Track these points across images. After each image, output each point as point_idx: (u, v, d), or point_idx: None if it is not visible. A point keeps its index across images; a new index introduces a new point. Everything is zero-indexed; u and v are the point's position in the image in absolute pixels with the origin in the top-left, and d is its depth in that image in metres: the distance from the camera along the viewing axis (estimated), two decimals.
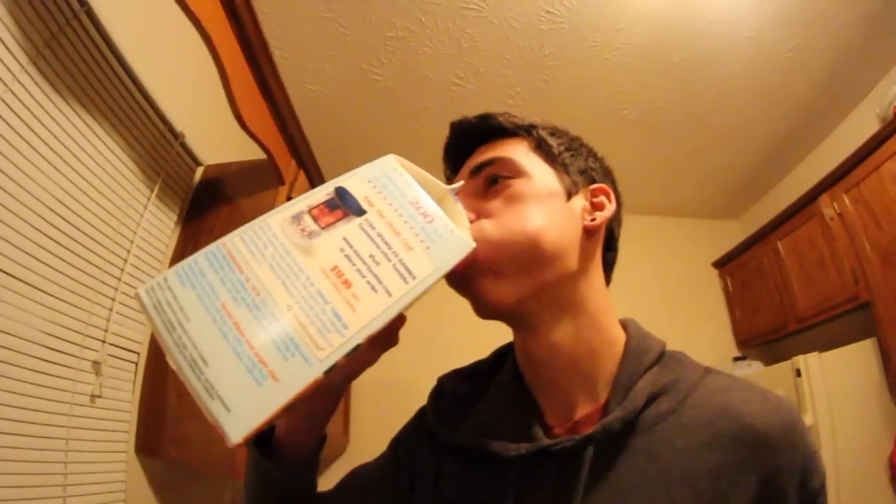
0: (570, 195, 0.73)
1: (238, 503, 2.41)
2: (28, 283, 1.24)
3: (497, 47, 2.37)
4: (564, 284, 0.70)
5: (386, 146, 2.92)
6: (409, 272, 0.51)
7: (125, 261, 1.61)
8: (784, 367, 2.34)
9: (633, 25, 2.27)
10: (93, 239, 1.47)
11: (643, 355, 0.71)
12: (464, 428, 0.74)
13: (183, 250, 1.84)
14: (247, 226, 0.49)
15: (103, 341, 1.52)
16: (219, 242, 0.48)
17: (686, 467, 0.61)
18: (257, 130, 1.63)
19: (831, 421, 2.16)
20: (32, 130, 1.22)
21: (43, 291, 1.30)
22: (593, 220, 0.73)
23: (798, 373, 2.24)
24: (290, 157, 1.92)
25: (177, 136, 1.76)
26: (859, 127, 2.72)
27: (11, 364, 1.19)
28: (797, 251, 2.89)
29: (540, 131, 0.76)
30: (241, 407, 0.40)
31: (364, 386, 3.21)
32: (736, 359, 3.29)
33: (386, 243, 0.52)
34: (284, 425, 0.69)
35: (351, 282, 0.48)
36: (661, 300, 3.67)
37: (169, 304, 0.44)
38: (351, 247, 0.51)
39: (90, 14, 1.33)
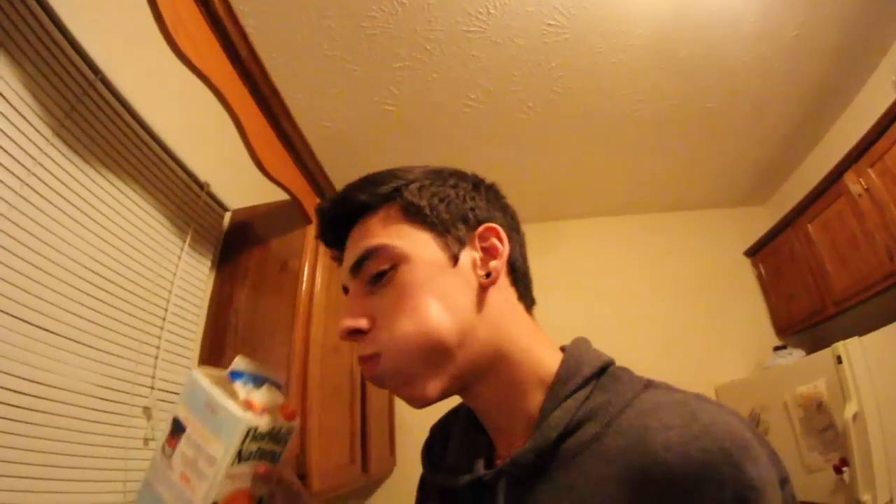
0: (456, 259, 0.71)
1: None
2: (79, 342, 1.32)
3: (504, 65, 2.41)
4: (483, 355, 0.70)
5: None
6: (212, 458, 0.70)
7: (166, 310, 1.69)
8: (825, 356, 2.28)
9: (634, 26, 2.28)
10: (133, 294, 1.55)
11: (569, 381, 0.68)
12: (440, 469, 0.79)
13: (220, 293, 1.92)
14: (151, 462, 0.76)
15: (151, 387, 1.59)
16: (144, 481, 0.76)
17: (596, 503, 0.58)
18: (279, 175, 1.69)
19: (877, 407, 2.09)
20: (66, 199, 1.30)
21: (93, 347, 1.37)
22: (488, 274, 0.71)
23: (839, 360, 2.18)
24: (313, 196, 1.98)
25: (202, 185, 1.85)
26: (876, 97, 2.65)
27: (70, 417, 1.27)
28: (828, 232, 2.83)
29: (405, 193, 0.72)
30: None
31: (409, 408, 3.24)
32: (776, 348, 3.21)
33: (198, 444, 0.71)
34: None
35: (189, 478, 0.69)
36: (697, 295, 3.64)
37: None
38: (184, 455, 0.71)
39: (104, 81, 1.40)
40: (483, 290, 0.71)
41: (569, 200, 3.71)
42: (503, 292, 0.73)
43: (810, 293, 3.03)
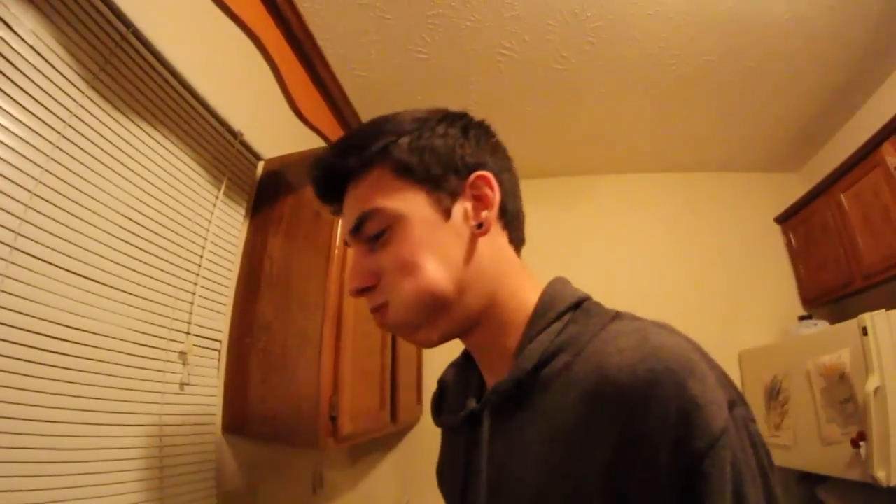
0: (448, 213, 0.73)
1: (318, 475, 2.54)
2: (117, 289, 1.35)
3: (539, 14, 2.33)
4: (478, 303, 0.75)
5: None
6: None
7: (201, 256, 1.71)
8: (850, 326, 2.23)
9: None
10: (170, 241, 1.57)
11: (545, 316, 0.72)
12: (444, 411, 0.86)
13: (254, 240, 1.94)
14: None
15: (187, 333, 1.62)
16: None
17: (562, 424, 0.62)
18: (314, 119, 1.68)
19: None
20: (102, 149, 1.30)
21: (131, 294, 1.40)
22: (480, 225, 0.74)
23: (864, 331, 2.12)
24: None
25: (235, 134, 1.84)
26: None
27: (108, 362, 1.30)
28: (861, 203, 2.72)
29: (394, 151, 0.73)
30: None
31: (435, 358, 3.28)
32: (801, 318, 3.15)
33: None
34: None
35: None
36: (724, 258, 3.56)
37: None
38: None
39: (137, 34, 1.39)
40: (475, 239, 0.74)
41: (599, 155, 3.62)
42: (495, 238, 0.77)
43: (839, 265, 2.94)
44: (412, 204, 0.73)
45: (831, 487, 2.57)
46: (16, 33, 1.07)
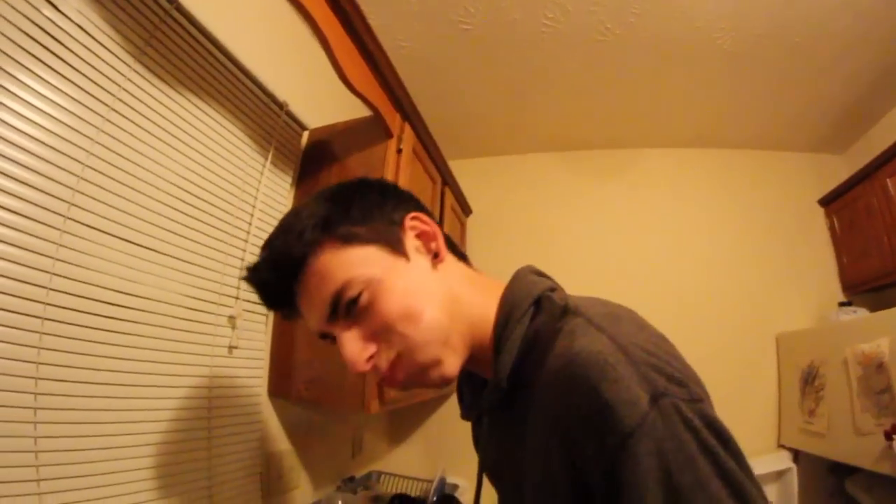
0: (406, 255, 0.77)
1: (358, 440, 2.59)
2: (169, 255, 1.38)
3: None
4: (464, 320, 0.78)
5: (482, 93, 2.97)
6: None
7: (250, 224, 1.73)
8: (891, 314, 2.16)
9: None
10: (220, 209, 1.59)
11: (508, 323, 0.75)
12: (463, 406, 0.94)
13: None
14: None
15: (237, 298, 1.65)
16: None
17: (535, 419, 0.69)
18: (362, 89, 1.66)
19: None
20: (152, 121, 1.32)
21: (183, 260, 1.43)
22: (436, 255, 0.79)
23: None
24: (395, 112, 1.95)
25: (281, 105, 1.84)
26: None
27: (160, 326, 1.33)
28: None
29: (332, 228, 0.74)
30: None
31: None
32: (841, 304, 3.03)
33: None
34: None
35: None
36: (765, 239, 3.42)
37: None
38: None
39: (180, 9, 1.39)
40: (437, 268, 0.80)
41: (642, 128, 3.50)
42: (450, 263, 0.83)
43: (882, 252, 2.81)
44: (374, 261, 0.74)
45: (860, 481, 2.50)
46: (62, 13, 1.08)
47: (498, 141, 3.63)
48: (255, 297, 0.83)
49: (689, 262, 3.40)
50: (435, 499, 2.31)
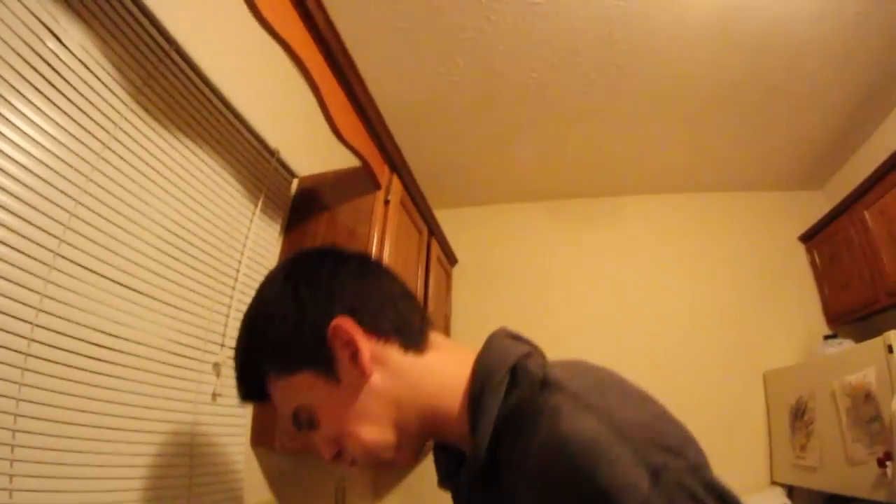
0: (337, 376, 0.74)
1: (341, 491, 2.51)
2: (156, 299, 1.35)
3: (567, 38, 2.31)
4: (416, 416, 0.76)
5: (468, 143, 3.01)
6: None
7: (237, 270, 1.70)
8: (875, 344, 2.14)
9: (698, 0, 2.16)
10: (209, 254, 1.56)
11: (482, 395, 0.70)
12: (440, 476, 0.87)
13: (288, 255, 1.93)
14: None
15: (222, 345, 1.61)
16: None
17: (518, 497, 0.64)
18: (352, 140, 1.68)
19: None
20: (145, 162, 1.31)
21: (170, 305, 1.40)
22: (363, 372, 0.73)
23: (890, 349, 2.04)
24: (383, 163, 1.96)
25: (272, 152, 1.84)
26: None
27: (144, 370, 1.30)
28: (885, 220, 2.61)
29: (266, 368, 0.77)
30: None
31: (461, 331, 3.27)
32: (826, 337, 3.02)
33: None
34: None
35: None
36: (749, 278, 3.45)
37: None
38: None
39: (179, 52, 1.40)
40: (370, 380, 0.74)
41: (624, 176, 3.56)
42: (386, 364, 0.76)
43: (864, 282, 2.82)
44: (311, 387, 0.75)
45: None
46: (66, 46, 1.08)
47: (483, 190, 3.67)
48: None
49: (674, 304, 3.42)
50: None
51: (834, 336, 3.01)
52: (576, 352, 0.78)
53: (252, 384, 0.79)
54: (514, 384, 0.70)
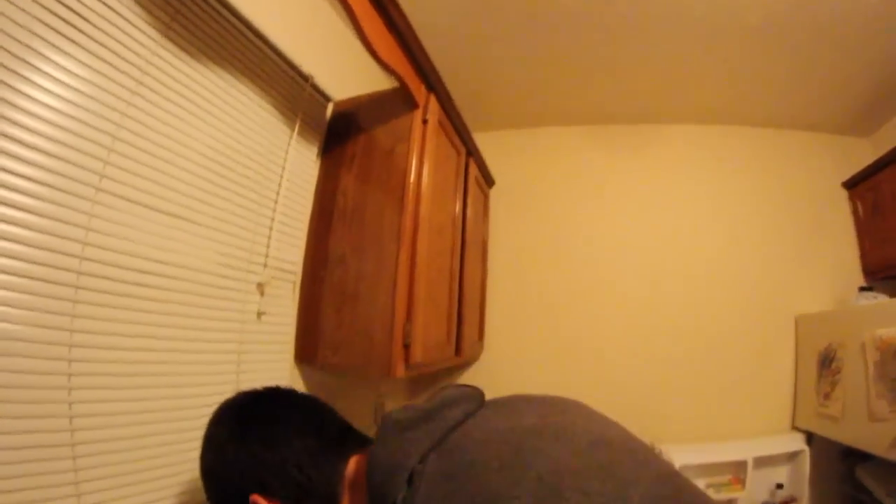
0: None
1: (380, 407, 2.63)
2: (201, 224, 1.42)
3: None
4: None
5: (506, 65, 2.94)
6: None
7: (277, 194, 1.75)
8: None
9: None
10: (249, 179, 1.61)
11: None
12: None
13: (326, 178, 1.98)
14: None
15: (265, 265, 1.68)
16: None
17: None
18: (388, 60, 1.67)
19: None
20: (180, 94, 1.34)
21: (213, 229, 1.47)
22: None
23: None
24: (420, 83, 1.95)
25: (306, 78, 1.85)
26: None
27: (192, 293, 1.38)
28: None
29: None
30: None
31: (498, 296, 3.30)
32: (862, 289, 2.92)
33: None
34: None
35: None
36: (786, 220, 3.29)
37: None
38: None
39: None
40: None
41: (666, 104, 3.37)
42: None
43: None
44: None
45: (871, 469, 2.48)
46: None
47: (521, 114, 3.57)
48: (282, 264, 0.90)
49: (710, 238, 3.32)
50: None
51: (869, 289, 2.92)
52: (608, 281, 0.79)
53: None
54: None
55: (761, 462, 2.82)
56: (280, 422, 0.90)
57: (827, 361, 2.67)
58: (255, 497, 0.82)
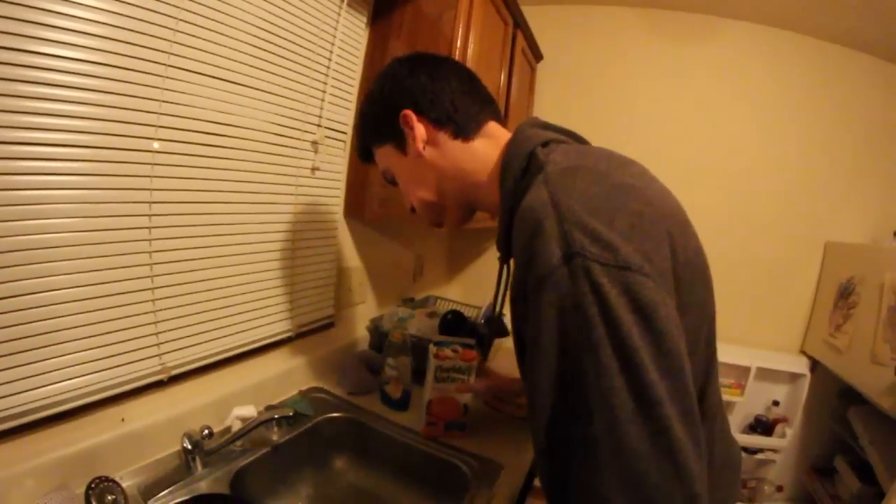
0: (405, 150, 1.01)
1: (420, 264, 2.79)
2: (259, 90, 1.54)
3: None
4: (456, 190, 1.01)
5: None
6: (426, 379, 1.62)
7: (329, 59, 1.84)
8: None
9: None
10: (302, 46, 1.70)
11: (506, 176, 0.87)
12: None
13: (375, 44, 2.03)
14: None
15: (319, 125, 1.82)
16: None
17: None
18: None
19: None
20: None
21: (270, 93, 1.59)
22: (418, 149, 0.98)
23: None
24: None
25: None
26: None
27: (254, 151, 1.55)
28: None
29: (369, 138, 1.11)
30: None
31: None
32: None
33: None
34: None
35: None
36: (838, 144, 3.05)
37: None
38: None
39: None
40: (423, 157, 0.99)
41: None
42: (439, 145, 0.99)
43: None
44: (389, 156, 1.06)
45: (862, 413, 2.50)
46: None
47: None
48: (335, 124, 1.23)
49: (754, 146, 3.16)
50: (482, 320, 2.52)
51: None
52: (643, 161, 0.88)
53: (362, 149, 1.14)
54: (528, 170, 0.84)
55: (764, 374, 2.91)
56: (445, 66, 1.03)
57: (845, 293, 2.65)
58: (407, 111, 0.97)
